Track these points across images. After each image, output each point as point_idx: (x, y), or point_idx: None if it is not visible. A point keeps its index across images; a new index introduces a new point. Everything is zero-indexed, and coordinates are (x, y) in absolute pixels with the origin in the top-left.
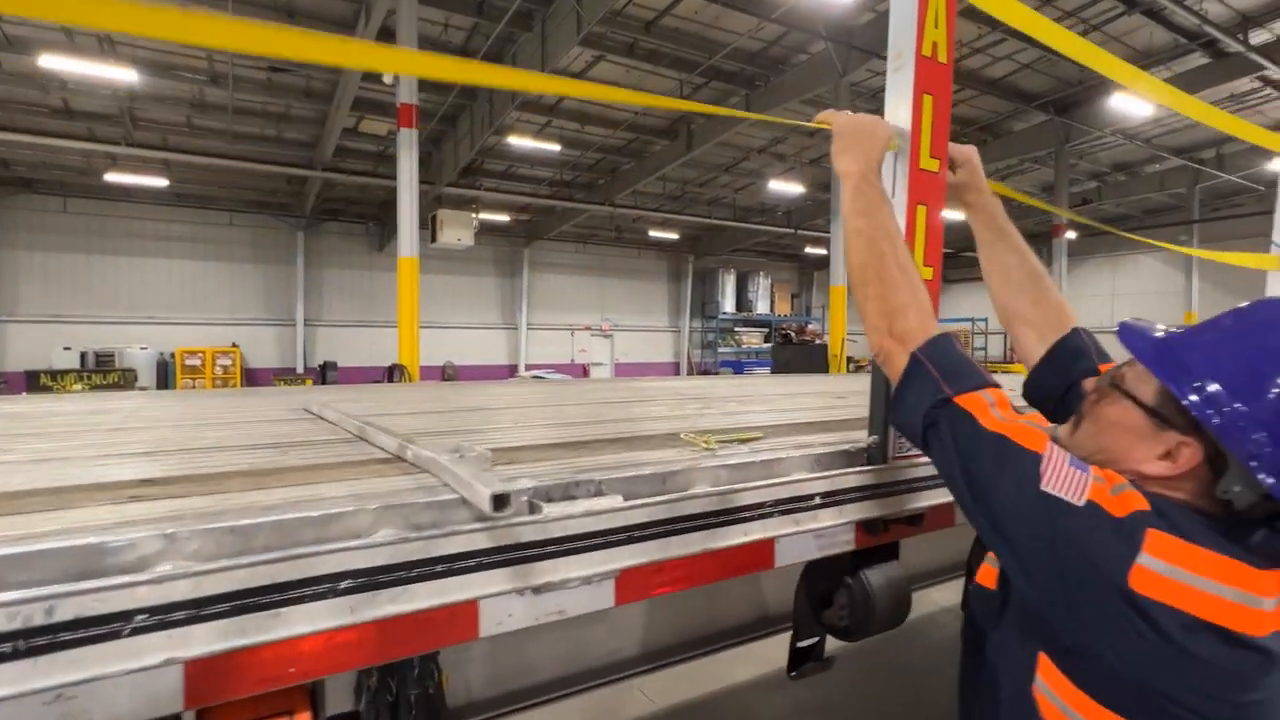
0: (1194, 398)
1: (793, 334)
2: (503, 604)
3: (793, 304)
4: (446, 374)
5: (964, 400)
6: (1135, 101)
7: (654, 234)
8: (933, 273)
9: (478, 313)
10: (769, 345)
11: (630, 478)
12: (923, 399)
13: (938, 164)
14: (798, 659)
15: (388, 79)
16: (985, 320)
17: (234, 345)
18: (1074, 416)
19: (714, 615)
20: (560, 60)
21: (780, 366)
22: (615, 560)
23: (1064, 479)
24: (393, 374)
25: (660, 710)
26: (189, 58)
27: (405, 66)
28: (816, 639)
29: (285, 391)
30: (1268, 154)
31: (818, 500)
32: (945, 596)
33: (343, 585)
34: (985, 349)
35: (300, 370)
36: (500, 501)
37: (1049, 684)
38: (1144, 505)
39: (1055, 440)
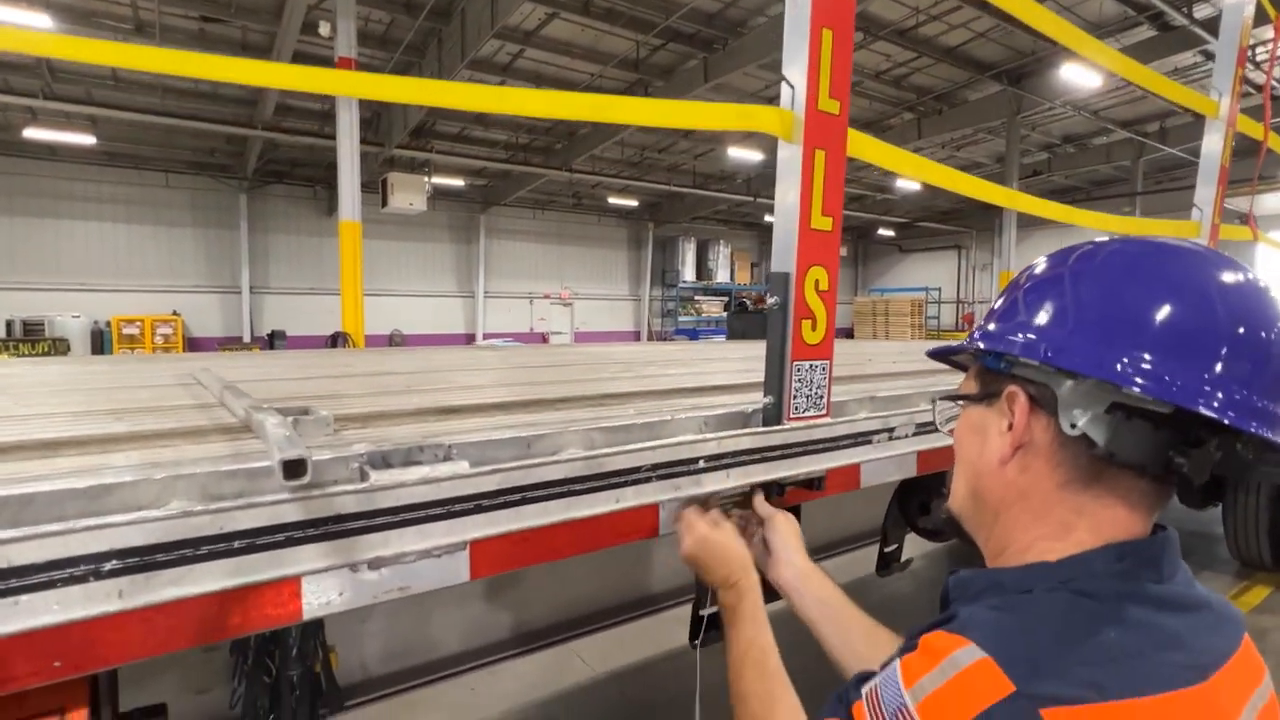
0: (991, 327)
1: (749, 302)
2: (330, 581)
3: (753, 273)
4: (394, 343)
5: None
6: (1085, 73)
7: (613, 201)
8: (831, 223)
9: (433, 280)
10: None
11: (486, 442)
12: None
13: (838, 105)
14: (698, 627)
15: (325, 31)
16: (939, 290)
17: (175, 313)
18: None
19: (639, 581)
20: (512, 17)
21: (736, 334)
22: (462, 531)
23: None
24: (335, 342)
25: (600, 675)
26: (110, 4)
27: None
28: (716, 608)
29: (185, 358)
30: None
31: (702, 464)
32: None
33: (107, 567)
34: (938, 318)
35: (247, 339)
36: (293, 469)
37: None
38: (1001, 685)
39: (947, 514)
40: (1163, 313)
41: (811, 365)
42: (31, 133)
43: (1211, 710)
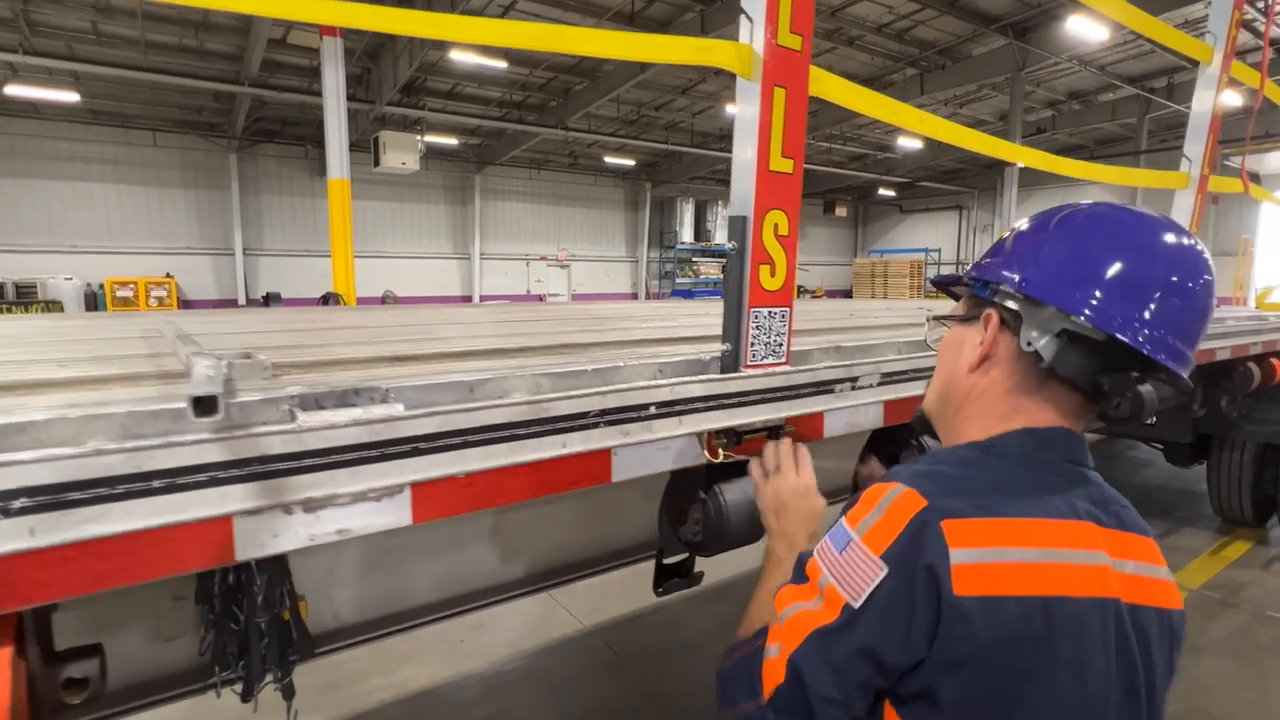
0: (984, 262)
1: None
2: (262, 523)
3: None
4: (385, 303)
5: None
6: (1092, 25)
7: (610, 160)
8: (792, 165)
9: (429, 242)
10: None
11: (427, 385)
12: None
13: (800, 41)
14: (663, 575)
15: None
16: (939, 250)
17: (168, 275)
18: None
19: (609, 533)
20: None
21: None
22: (397, 474)
23: (855, 581)
24: (326, 303)
25: (588, 627)
26: None
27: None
28: (685, 555)
29: (161, 314)
30: None
31: (653, 410)
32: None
33: (16, 505)
34: None
35: (242, 301)
36: (205, 406)
37: None
38: (917, 502)
39: (920, 413)
40: (1113, 264)
41: (770, 312)
42: (12, 90)
43: (1076, 539)
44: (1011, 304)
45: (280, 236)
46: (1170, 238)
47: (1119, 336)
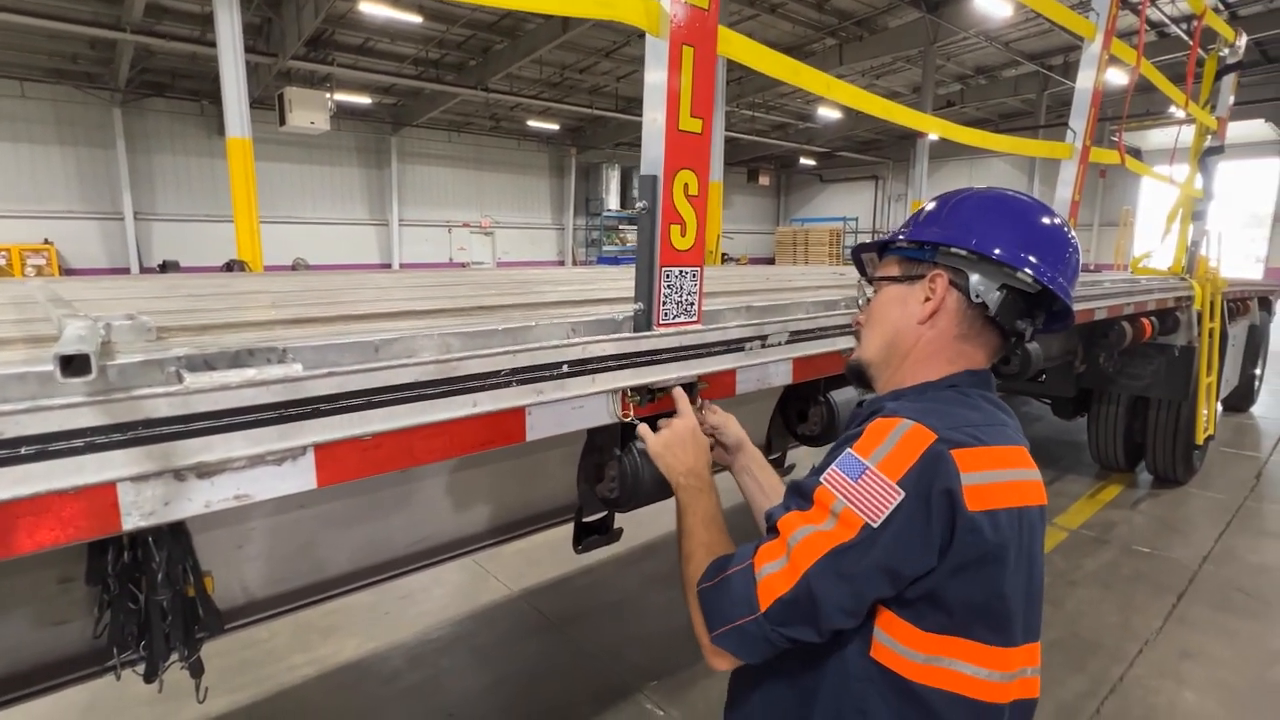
0: (932, 229)
1: None
2: (151, 490)
3: None
4: (298, 271)
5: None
6: (997, 1)
7: (534, 124)
8: (701, 125)
9: (343, 207)
10: None
11: (327, 345)
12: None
13: (708, 1)
14: (583, 533)
15: None
16: (856, 219)
17: (47, 242)
18: (856, 346)
19: (531, 497)
20: None
21: None
22: (297, 436)
23: (874, 505)
24: (230, 270)
25: (515, 592)
26: None
27: None
28: (604, 513)
29: (36, 282)
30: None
31: (566, 369)
32: None
33: None
34: None
35: (136, 270)
36: (74, 366)
37: (886, 631)
38: (929, 436)
39: (857, 363)
40: (1039, 234)
41: (681, 271)
42: None
43: (1025, 461)
44: (955, 264)
45: (176, 200)
46: (1058, 218)
47: (1050, 289)
